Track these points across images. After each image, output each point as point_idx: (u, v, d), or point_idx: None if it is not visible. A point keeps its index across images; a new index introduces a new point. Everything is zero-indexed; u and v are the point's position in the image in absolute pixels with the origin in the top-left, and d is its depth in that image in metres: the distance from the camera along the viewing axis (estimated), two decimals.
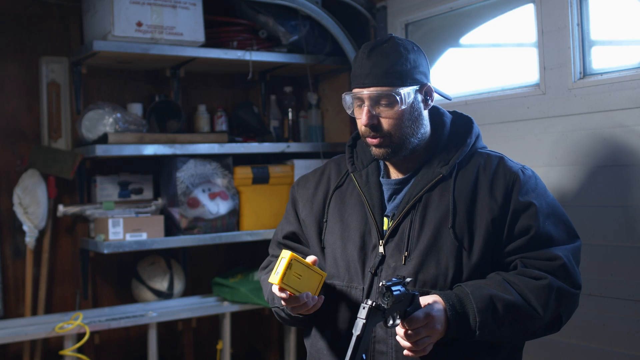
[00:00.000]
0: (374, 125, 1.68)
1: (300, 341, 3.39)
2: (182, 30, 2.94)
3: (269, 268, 1.90)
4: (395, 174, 1.77)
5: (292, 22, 3.18)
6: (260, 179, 3.23)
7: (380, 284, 1.48)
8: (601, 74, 2.39)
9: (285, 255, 1.56)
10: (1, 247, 2.98)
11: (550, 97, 2.52)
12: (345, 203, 1.80)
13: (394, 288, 1.47)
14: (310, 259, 1.65)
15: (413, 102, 1.68)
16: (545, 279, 1.61)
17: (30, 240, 2.96)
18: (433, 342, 1.54)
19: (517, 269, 1.66)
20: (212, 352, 3.36)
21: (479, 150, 1.77)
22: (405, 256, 1.66)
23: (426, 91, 1.72)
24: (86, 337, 2.77)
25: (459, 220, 1.65)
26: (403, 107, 1.66)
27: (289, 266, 1.56)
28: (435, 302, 1.56)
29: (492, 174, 1.70)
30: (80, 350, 2.88)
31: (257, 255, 3.55)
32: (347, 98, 1.74)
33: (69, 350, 2.80)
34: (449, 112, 1.84)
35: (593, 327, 2.39)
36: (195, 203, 3.04)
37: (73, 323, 2.79)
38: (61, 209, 2.96)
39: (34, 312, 3.00)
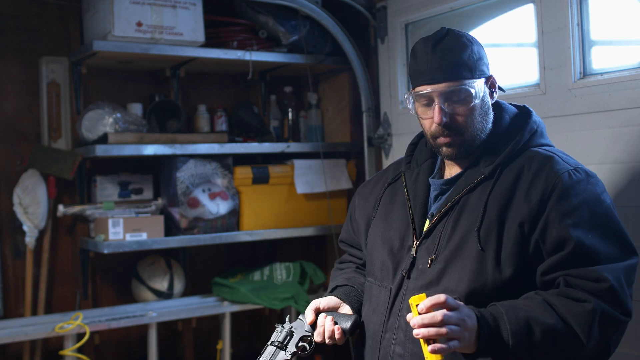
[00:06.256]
0: (447, 123, 1.59)
1: None
2: (182, 30, 2.94)
3: (344, 263, 1.98)
4: (448, 174, 1.71)
5: (292, 22, 3.18)
6: (260, 179, 3.23)
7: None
8: (601, 74, 2.39)
9: None
10: (1, 247, 2.98)
11: (550, 97, 2.52)
12: (394, 202, 1.77)
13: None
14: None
15: (483, 95, 1.60)
16: (588, 303, 1.45)
17: (30, 240, 2.96)
18: (457, 337, 1.39)
19: (560, 288, 1.50)
20: (212, 352, 3.36)
21: (533, 148, 1.64)
22: (431, 259, 1.60)
23: (491, 83, 1.65)
24: (86, 337, 2.77)
25: (486, 224, 1.55)
26: (477, 101, 1.58)
27: None
28: (469, 307, 1.46)
29: (534, 174, 1.56)
30: (80, 350, 2.88)
31: (257, 255, 3.55)
32: (411, 98, 1.63)
33: (69, 350, 2.80)
34: (516, 106, 1.74)
35: None
36: (195, 203, 3.04)
37: (73, 323, 2.78)
38: (61, 209, 2.96)
39: (34, 312, 3.00)
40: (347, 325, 1.67)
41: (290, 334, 1.66)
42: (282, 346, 1.63)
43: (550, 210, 1.51)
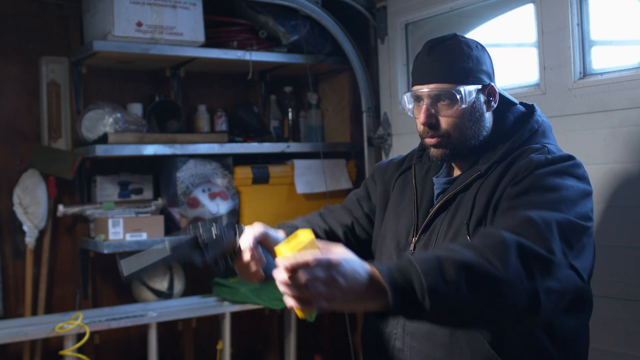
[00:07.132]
0: (431, 124, 1.61)
1: (301, 341, 3.38)
2: (182, 30, 2.94)
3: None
4: (456, 172, 1.73)
5: (292, 22, 3.18)
6: (260, 179, 3.23)
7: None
8: (601, 74, 2.39)
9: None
10: (1, 247, 2.98)
11: (550, 97, 2.52)
12: (404, 196, 1.77)
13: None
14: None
15: (474, 102, 1.61)
16: (498, 235, 1.34)
17: (30, 240, 2.96)
18: (326, 297, 1.21)
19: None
20: (212, 352, 3.36)
21: (533, 145, 1.62)
22: None
23: (489, 92, 1.65)
24: (86, 337, 2.77)
25: (475, 216, 1.56)
26: (463, 106, 1.58)
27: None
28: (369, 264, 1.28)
29: (520, 164, 1.56)
30: (80, 350, 2.88)
31: None
32: (405, 97, 1.66)
33: (69, 350, 2.80)
34: (525, 104, 1.73)
35: (593, 327, 2.39)
36: (195, 203, 3.04)
37: (73, 323, 2.78)
38: (61, 209, 2.96)
39: (34, 312, 3.00)
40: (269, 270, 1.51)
41: (220, 241, 1.49)
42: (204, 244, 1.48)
43: (508, 190, 1.50)
